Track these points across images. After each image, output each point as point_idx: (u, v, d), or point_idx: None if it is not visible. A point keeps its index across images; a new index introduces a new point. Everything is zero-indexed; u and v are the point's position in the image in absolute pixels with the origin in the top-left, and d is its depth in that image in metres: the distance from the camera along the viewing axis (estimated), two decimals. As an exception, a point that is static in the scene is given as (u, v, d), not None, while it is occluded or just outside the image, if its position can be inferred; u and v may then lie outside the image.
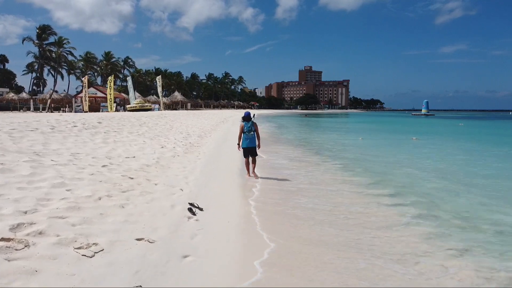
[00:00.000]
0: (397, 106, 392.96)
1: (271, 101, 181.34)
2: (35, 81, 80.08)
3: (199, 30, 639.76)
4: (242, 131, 9.67)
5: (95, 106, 48.54)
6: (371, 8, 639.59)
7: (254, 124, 9.76)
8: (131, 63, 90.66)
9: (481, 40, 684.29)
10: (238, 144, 9.84)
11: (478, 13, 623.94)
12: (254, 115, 11.54)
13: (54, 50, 61.01)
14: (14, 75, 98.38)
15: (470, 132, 36.49)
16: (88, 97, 46.52)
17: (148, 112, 36.03)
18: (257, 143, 9.74)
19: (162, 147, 12.09)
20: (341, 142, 23.38)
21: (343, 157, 14.72)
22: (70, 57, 68.69)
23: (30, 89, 77.16)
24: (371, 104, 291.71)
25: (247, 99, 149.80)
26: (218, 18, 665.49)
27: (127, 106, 49.12)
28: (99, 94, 50.48)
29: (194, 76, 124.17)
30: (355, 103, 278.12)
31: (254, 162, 9.87)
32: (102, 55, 79.08)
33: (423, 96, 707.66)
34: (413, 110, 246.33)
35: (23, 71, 76.49)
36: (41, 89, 75.00)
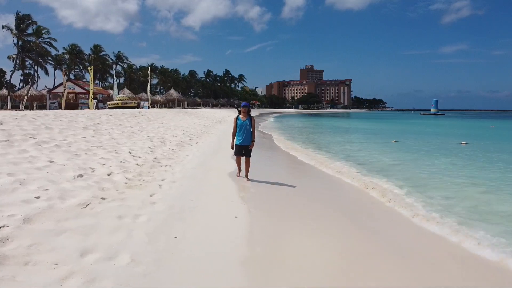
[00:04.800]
0: (399, 106, 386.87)
1: (272, 100, 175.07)
2: (22, 77, 73.97)
3: (205, 29, 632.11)
4: (235, 127, 7.92)
5: (75, 102, 42.27)
6: (378, 7, 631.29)
7: (252, 118, 7.95)
8: (124, 59, 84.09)
9: (482, 40, 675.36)
10: (232, 144, 8.08)
11: (486, 13, 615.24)
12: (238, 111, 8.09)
13: (32, 41, 54.61)
14: (4, 73, 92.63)
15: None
16: (67, 92, 40.31)
17: (127, 110, 29.88)
18: (251, 141, 7.96)
19: (80, 175, 5.90)
20: (374, 147, 17.15)
21: (409, 179, 8.60)
22: (53, 51, 62.48)
23: (20, 86, 71.11)
24: (374, 104, 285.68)
25: (248, 97, 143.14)
26: (225, 17, 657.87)
27: (108, 103, 42.82)
28: (79, 89, 44.12)
29: (192, 74, 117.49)
30: (357, 102, 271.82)
31: (247, 163, 8.04)
32: (90, 48, 72.60)
33: (426, 96, 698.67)
34: (420, 110, 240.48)
35: (13, 67, 70.60)
36: (33, 85, 68.72)
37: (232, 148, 8.01)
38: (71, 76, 67.28)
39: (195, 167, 8.75)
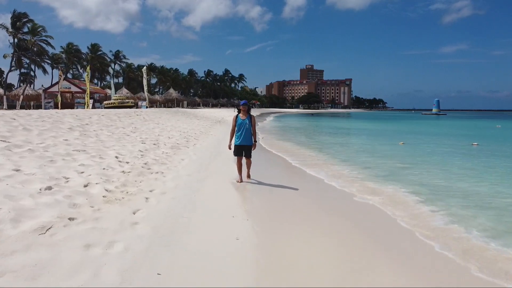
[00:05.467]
0: (399, 106, 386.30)
1: (272, 100, 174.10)
2: (21, 77, 72.87)
3: (205, 29, 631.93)
4: (234, 126, 7.49)
5: (70, 102, 41.21)
6: (378, 7, 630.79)
7: (251, 117, 7.52)
8: (122, 58, 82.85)
9: (482, 40, 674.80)
10: (229, 144, 7.78)
11: (487, 13, 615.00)
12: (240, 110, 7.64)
13: (27, 39, 53.47)
14: (2, 72, 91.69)
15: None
16: (61, 91, 39.30)
17: (122, 109, 28.82)
18: (253, 142, 7.54)
19: (49, 187, 4.87)
20: (380, 149, 16.09)
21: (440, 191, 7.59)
22: (50, 50, 61.36)
23: (18, 86, 70.08)
24: (374, 104, 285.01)
25: (248, 97, 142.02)
26: (225, 17, 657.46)
27: (104, 102, 41.72)
28: (75, 89, 43.01)
29: (191, 73, 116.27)
30: (358, 102, 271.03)
31: (248, 163, 7.59)
32: (88, 47, 71.42)
33: (426, 96, 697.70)
34: (420, 110, 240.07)
35: (11, 67, 69.47)
36: (31, 85, 67.65)
37: (230, 148, 7.62)
38: (69, 76, 66.28)
39: (190, 174, 7.74)
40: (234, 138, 7.55)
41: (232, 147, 7.63)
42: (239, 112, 7.52)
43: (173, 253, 3.72)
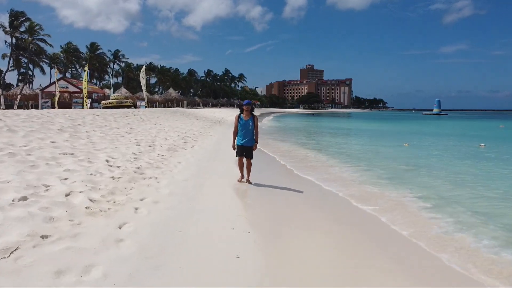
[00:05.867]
0: (400, 106, 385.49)
1: (272, 100, 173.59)
2: (20, 77, 72.36)
3: (206, 29, 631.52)
4: (236, 126, 7.30)
5: (68, 102, 40.62)
6: (379, 7, 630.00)
7: (254, 118, 7.35)
8: (121, 57, 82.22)
9: (482, 40, 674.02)
10: (233, 144, 7.49)
11: (488, 13, 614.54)
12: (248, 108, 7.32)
13: (25, 38, 52.86)
14: (1, 72, 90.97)
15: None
16: (60, 91, 38.77)
17: (118, 109, 28.18)
18: (254, 142, 7.37)
19: (24, 198, 4.29)
20: (386, 151, 15.49)
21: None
22: (49, 49, 60.79)
23: (16, 85, 69.48)
24: (374, 104, 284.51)
25: (248, 97, 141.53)
26: (226, 16, 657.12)
27: (102, 102, 41.09)
28: (73, 88, 42.41)
29: (191, 73, 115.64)
30: (358, 102, 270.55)
31: (249, 165, 7.41)
32: (86, 46, 70.84)
33: (426, 96, 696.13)
34: (421, 110, 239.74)
35: (10, 66, 68.81)
36: (29, 85, 67.06)
37: (234, 149, 7.49)
38: (68, 75, 65.74)
39: (187, 179, 7.16)
40: (237, 138, 7.32)
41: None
42: (241, 111, 7.24)
43: (162, 280, 3.15)
